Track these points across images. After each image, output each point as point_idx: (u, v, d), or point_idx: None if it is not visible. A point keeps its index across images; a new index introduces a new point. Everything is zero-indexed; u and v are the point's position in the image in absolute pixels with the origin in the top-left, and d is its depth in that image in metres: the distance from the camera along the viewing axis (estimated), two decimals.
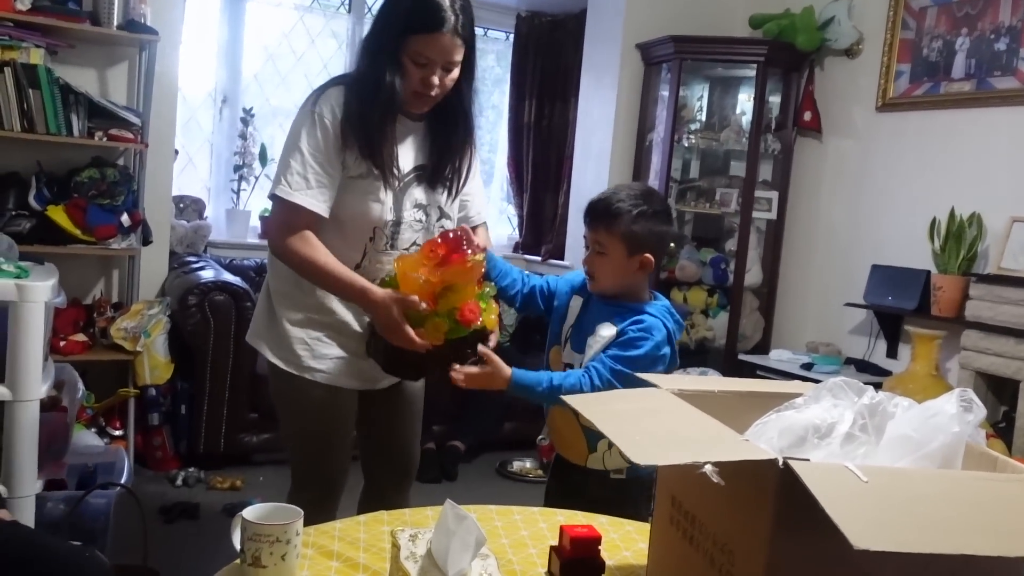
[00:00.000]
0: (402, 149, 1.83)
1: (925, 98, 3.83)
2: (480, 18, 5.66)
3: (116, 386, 3.49)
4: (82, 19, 3.38)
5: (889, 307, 3.78)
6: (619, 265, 1.81)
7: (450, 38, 1.72)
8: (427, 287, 1.70)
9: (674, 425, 1.03)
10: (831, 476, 0.82)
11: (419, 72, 1.73)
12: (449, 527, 1.13)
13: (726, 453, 0.89)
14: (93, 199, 3.45)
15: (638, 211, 1.78)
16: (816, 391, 1.10)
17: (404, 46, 1.72)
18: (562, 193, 5.24)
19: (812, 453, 1.01)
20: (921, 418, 1.00)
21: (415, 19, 1.71)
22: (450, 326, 1.71)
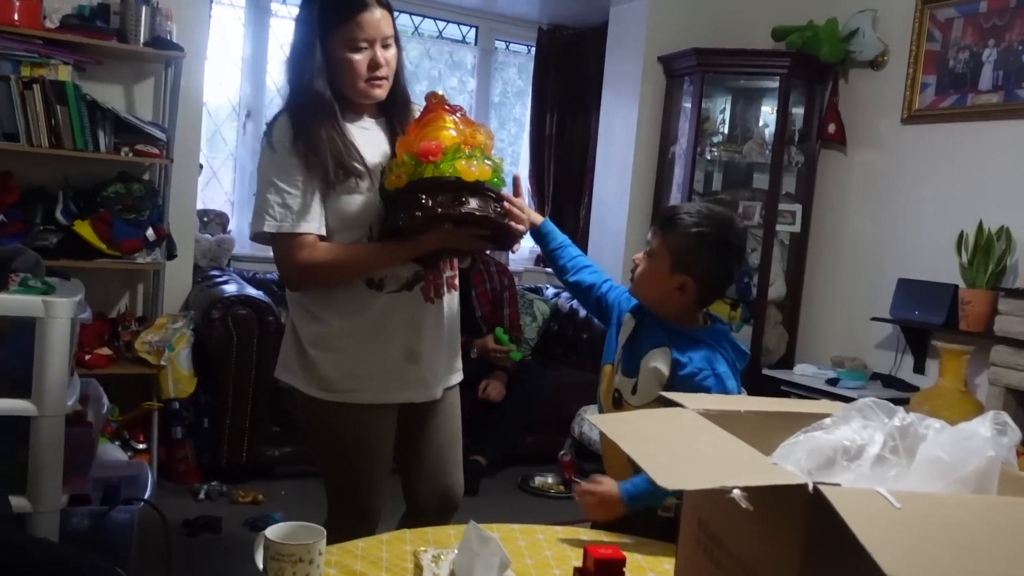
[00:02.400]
0: (370, 147, 1.80)
1: (952, 110, 3.80)
2: (502, 31, 5.72)
3: (140, 399, 3.51)
4: (109, 36, 3.42)
5: (916, 322, 3.73)
6: (659, 276, 1.72)
7: (377, 12, 1.71)
8: (403, 142, 1.71)
9: (701, 447, 1.01)
10: (863, 501, 0.80)
11: (361, 58, 1.71)
12: (473, 549, 1.12)
13: (755, 477, 0.87)
14: (119, 213, 3.48)
15: (698, 230, 1.69)
16: (845, 411, 1.08)
17: (335, 40, 1.70)
18: (583, 206, 5.23)
19: (841, 475, 0.99)
20: (954, 441, 0.98)
21: (336, 10, 1.70)
22: (413, 165, 1.66)
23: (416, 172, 1.65)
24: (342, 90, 1.75)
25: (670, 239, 1.71)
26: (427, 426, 1.97)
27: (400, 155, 1.70)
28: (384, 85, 1.77)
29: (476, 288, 3.97)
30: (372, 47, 1.71)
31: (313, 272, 1.75)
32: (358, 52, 1.71)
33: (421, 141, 1.66)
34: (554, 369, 4.39)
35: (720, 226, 1.71)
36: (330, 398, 1.83)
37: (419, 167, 1.65)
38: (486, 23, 5.34)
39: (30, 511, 2.17)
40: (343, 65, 1.72)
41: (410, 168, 1.66)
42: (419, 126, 1.70)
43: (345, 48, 1.70)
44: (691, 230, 1.69)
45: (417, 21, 5.20)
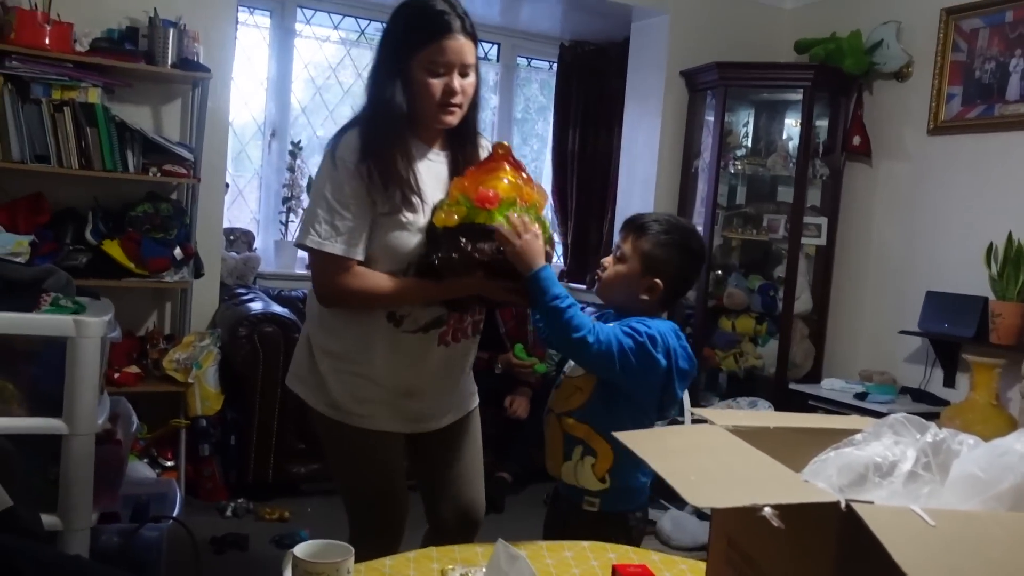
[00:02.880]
0: (429, 181, 1.80)
1: (979, 120, 3.76)
2: (524, 48, 5.74)
3: (167, 417, 3.54)
4: (138, 58, 3.47)
5: (946, 335, 3.68)
6: (630, 278, 1.79)
7: (461, 39, 1.71)
8: (459, 184, 1.73)
9: (730, 464, 1.00)
10: (896, 519, 0.79)
11: (438, 82, 1.71)
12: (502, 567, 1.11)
13: (786, 495, 0.86)
14: (147, 233, 3.52)
15: (668, 237, 1.79)
16: (876, 427, 1.06)
17: (416, 62, 1.70)
18: (607, 221, 5.22)
19: (873, 492, 0.98)
20: (989, 457, 0.96)
21: (421, 31, 1.70)
22: (467, 207, 1.68)
23: (468, 215, 1.68)
24: (415, 112, 1.75)
25: (641, 244, 1.79)
26: (444, 446, 1.97)
27: (454, 194, 1.72)
28: (456, 113, 1.76)
29: None
30: (451, 73, 1.71)
31: (346, 297, 1.76)
32: (436, 76, 1.71)
33: (479, 186, 1.69)
34: None
35: (685, 235, 1.82)
36: (337, 417, 1.84)
37: (472, 211, 1.68)
38: (508, 40, 5.37)
39: (61, 529, 2.19)
40: (420, 87, 1.71)
41: (463, 211, 1.68)
42: (479, 171, 1.73)
43: (424, 71, 1.71)
44: (661, 236, 1.78)
45: None
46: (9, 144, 3.24)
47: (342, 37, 4.99)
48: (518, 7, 4.94)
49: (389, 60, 1.74)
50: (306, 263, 4.79)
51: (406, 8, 1.77)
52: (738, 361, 4.31)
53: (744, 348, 4.34)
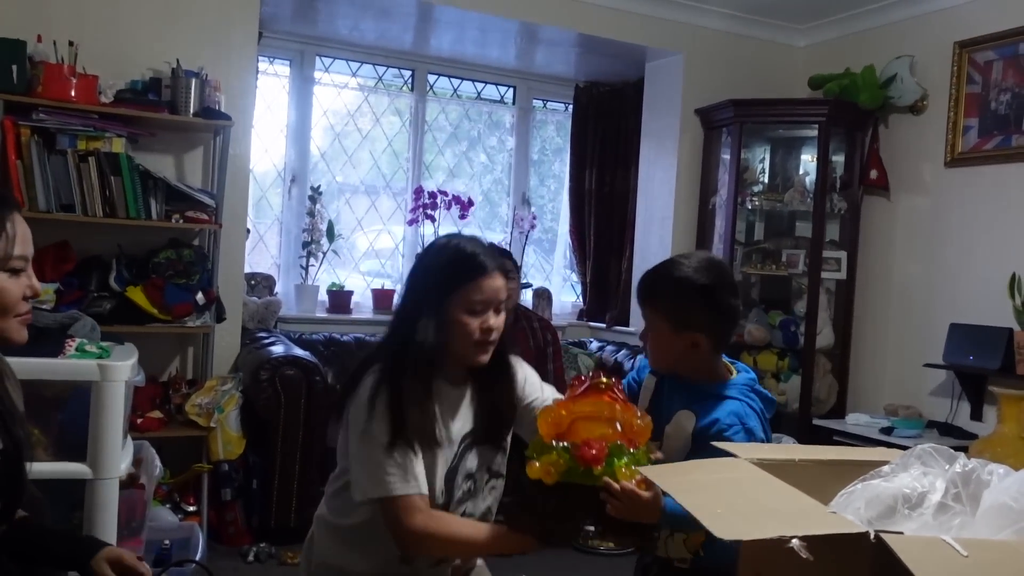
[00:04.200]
0: (460, 419, 1.74)
1: (996, 151, 3.75)
2: (539, 90, 5.81)
3: (190, 461, 3.54)
4: (161, 109, 3.54)
5: (971, 367, 3.64)
6: (666, 343, 1.68)
7: (498, 277, 1.70)
8: (556, 417, 1.49)
9: (757, 497, 0.99)
10: (928, 550, 0.78)
11: (476, 320, 1.68)
12: None
13: (814, 526, 0.85)
14: (170, 279, 3.56)
15: (682, 288, 1.65)
16: (904, 458, 1.05)
17: (454, 301, 1.67)
18: (625, 259, 5.23)
19: (903, 525, 0.96)
20: (1020, 486, 0.95)
21: (461, 271, 1.68)
22: (568, 465, 1.44)
23: (568, 473, 1.45)
24: (449, 349, 1.70)
25: (659, 305, 1.68)
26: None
27: (548, 432, 1.49)
28: (491, 350, 1.73)
29: (519, 345, 3.97)
30: (487, 310, 1.69)
31: (427, 539, 1.63)
32: (474, 315, 1.68)
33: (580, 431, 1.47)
34: None
35: (700, 271, 1.67)
36: None
37: (573, 468, 1.45)
38: (524, 83, 5.44)
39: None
40: (458, 327, 1.68)
41: (562, 466, 1.45)
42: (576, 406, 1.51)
43: (462, 310, 1.67)
44: (674, 289, 1.66)
45: (456, 83, 5.32)
46: (36, 194, 3.30)
47: (360, 84, 5.07)
48: (534, 50, 5.01)
49: (425, 301, 1.71)
50: (326, 307, 4.83)
51: (441, 251, 1.77)
52: None
53: (766, 384, 4.30)
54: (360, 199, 5.15)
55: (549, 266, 5.71)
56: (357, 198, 5.14)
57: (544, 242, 5.72)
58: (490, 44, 4.88)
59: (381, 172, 5.15)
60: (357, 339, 4.56)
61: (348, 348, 4.48)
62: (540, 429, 1.49)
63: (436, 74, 5.22)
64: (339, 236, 4.86)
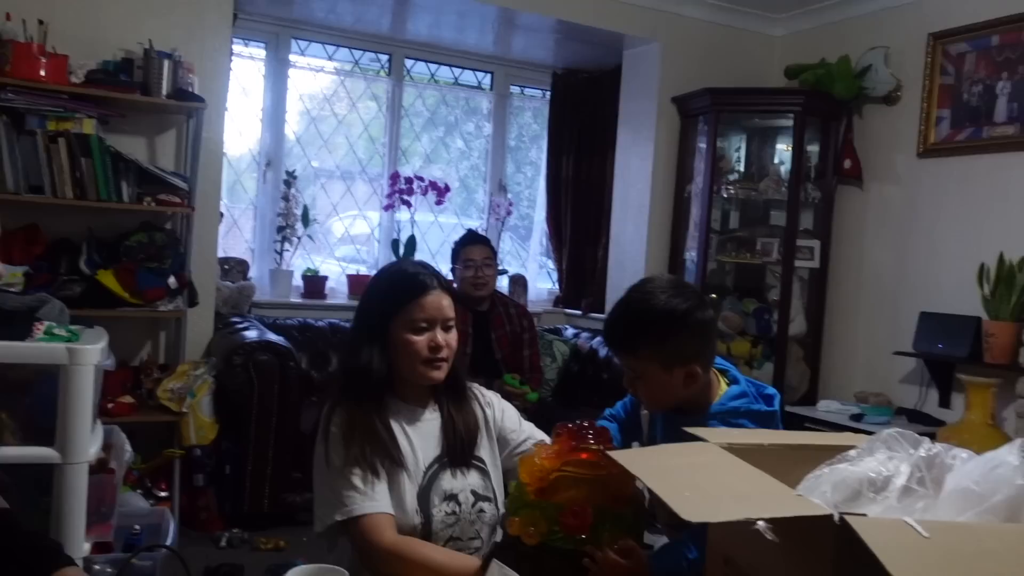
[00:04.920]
0: (421, 443, 1.72)
1: (968, 143, 3.79)
2: (517, 76, 5.79)
3: (162, 447, 3.52)
4: (133, 90, 3.49)
5: (940, 355, 3.69)
6: (661, 385, 1.60)
7: (439, 294, 1.71)
8: (538, 471, 1.41)
9: (724, 480, 1.00)
10: (891, 532, 0.79)
11: (422, 339, 1.69)
12: None
13: (779, 509, 0.86)
14: (142, 263, 3.53)
15: (660, 325, 1.57)
16: (870, 443, 1.06)
17: (397, 322, 1.69)
18: (601, 246, 5.24)
19: (868, 508, 0.97)
20: (982, 470, 0.96)
21: (399, 293, 1.71)
22: (547, 527, 1.37)
23: (550, 535, 1.38)
24: (401, 372, 1.71)
25: (644, 351, 1.60)
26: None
27: (531, 486, 1.41)
28: (443, 367, 1.73)
29: (496, 331, 3.97)
30: (433, 328, 1.70)
31: (396, 558, 1.58)
32: (419, 333, 1.69)
33: (563, 490, 1.39)
34: (575, 409, 4.36)
35: (673, 298, 1.59)
36: None
37: (555, 531, 1.37)
38: (501, 69, 5.42)
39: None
40: (404, 346, 1.69)
41: (543, 528, 1.37)
42: (560, 458, 1.41)
43: (407, 329, 1.69)
44: (654, 332, 1.58)
45: (433, 68, 5.29)
46: (4, 175, 3.24)
47: (336, 68, 5.03)
48: (511, 36, 4.99)
49: (368, 327, 1.72)
50: (300, 292, 4.80)
51: (383, 275, 1.82)
52: None
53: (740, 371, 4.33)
54: (336, 184, 5.12)
55: (525, 253, 5.71)
56: (333, 183, 5.11)
57: (520, 229, 5.72)
58: (468, 29, 4.85)
59: (357, 157, 5.12)
60: (332, 324, 4.54)
61: (323, 333, 4.46)
62: (522, 477, 1.43)
63: (413, 59, 5.19)
64: (314, 221, 4.83)
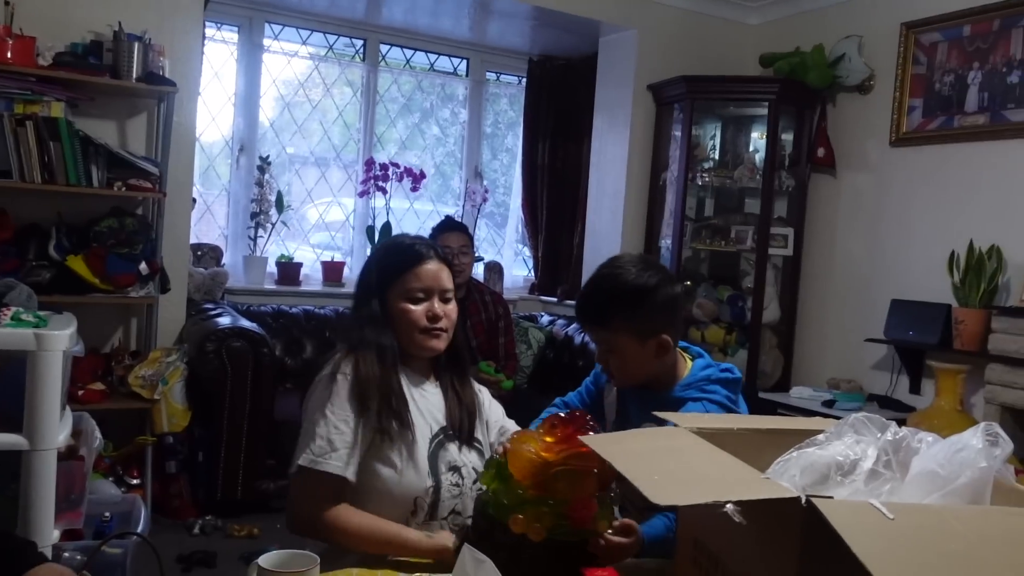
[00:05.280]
0: (427, 416, 1.71)
1: (939, 132, 3.83)
2: (493, 63, 5.75)
3: (134, 434, 3.48)
4: (102, 73, 3.44)
5: (910, 342, 3.73)
6: (635, 358, 1.64)
7: (435, 264, 1.72)
8: (537, 466, 1.36)
9: (694, 464, 1.01)
10: (856, 514, 0.79)
11: (420, 308, 1.69)
12: (467, 572, 1.11)
13: (747, 492, 0.87)
14: (112, 248, 3.48)
15: (632, 298, 1.62)
16: (838, 427, 1.08)
17: (394, 292, 1.70)
18: (577, 233, 5.25)
19: (836, 491, 0.99)
20: (947, 453, 0.98)
21: (394, 264, 1.72)
22: (554, 522, 1.35)
23: (555, 529, 1.35)
24: (401, 343, 1.71)
25: (618, 323, 1.64)
26: None
27: (526, 481, 1.37)
28: (443, 337, 1.72)
29: (471, 318, 3.97)
30: (430, 298, 1.70)
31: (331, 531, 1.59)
32: (416, 303, 1.70)
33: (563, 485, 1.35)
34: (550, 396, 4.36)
35: (643, 272, 1.65)
36: None
37: (561, 525, 1.35)
38: (477, 55, 5.40)
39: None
40: (401, 316, 1.69)
41: (549, 523, 1.35)
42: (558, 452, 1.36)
43: (404, 299, 1.70)
44: (627, 303, 1.62)
45: (409, 54, 5.25)
46: None
47: (311, 52, 4.98)
48: (487, 23, 4.96)
49: (367, 300, 1.72)
50: (274, 279, 4.77)
51: (380, 248, 1.83)
52: None
53: (714, 358, 4.36)
54: (310, 170, 5.08)
55: (501, 240, 5.71)
56: (307, 169, 5.07)
57: (496, 216, 5.71)
58: (443, 15, 4.82)
59: (332, 143, 5.08)
60: (306, 311, 4.52)
61: (297, 320, 4.44)
62: (515, 473, 1.37)
63: (388, 44, 5.15)
64: (288, 207, 4.79)
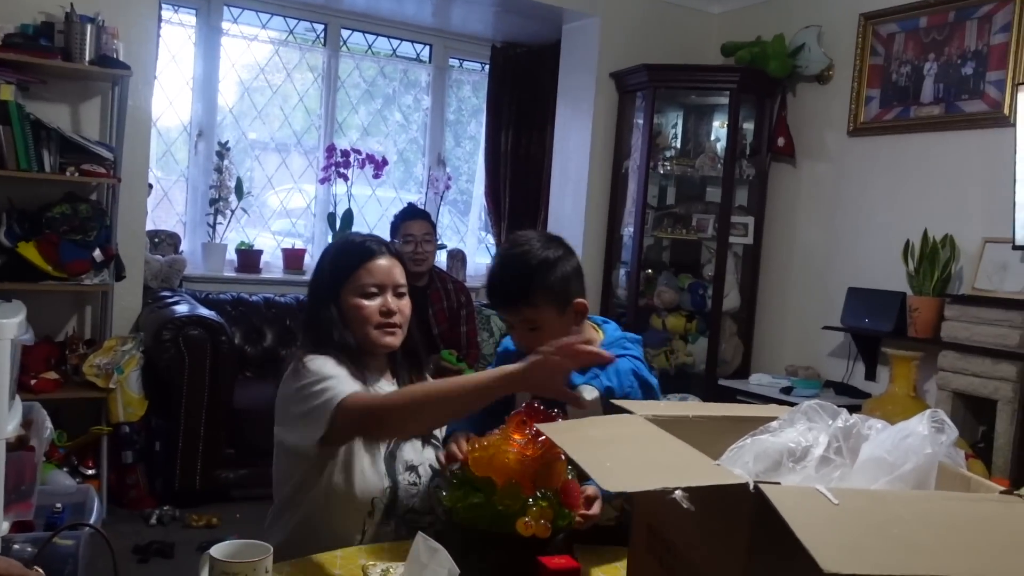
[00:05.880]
0: None
1: (896, 122, 3.88)
2: (456, 49, 5.71)
3: (89, 424, 3.43)
4: (54, 55, 3.36)
5: (866, 329, 3.79)
6: (559, 330, 1.66)
7: (387, 259, 1.70)
8: (526, 464, 1.34)
9: (646, 452, 1.01)
10: (802, 499, 0.80)
11: (373, 304, 1.67)
12: (421, 560, 1.10)
13: (697, 478, 0.88)
14: (65, 235, 3.41)
15: (548, 269, 1.66)
16: (791, 415, 1.09)
17: (347, 290, 1.68)
18: (540, 221, 5.25)
19: (788, 477, 1.00)
20: (894, 440, 0.99)
21: (347, 261, 1.70)
22: (556, 511, 1.34)
23: (557, 520, 1.33)
24: (356, 340, 1.68)
25: (542, 297, 1.66)
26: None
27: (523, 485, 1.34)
28: (397, 333, 1.71)
29: (433, 306, 3.95)
30: (384, 293, 1.69)
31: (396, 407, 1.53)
32: (370, 298, 1.68)
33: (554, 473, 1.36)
34: None
35: (549, 245, 1.71)
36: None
37: (560, 511, 1.35)
38: (440, 41, 5.36)
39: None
40: (355, 312, 1.67)
41: (551, 515, 1.32)
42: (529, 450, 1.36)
43: (356, 295, 1.68)
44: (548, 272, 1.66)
45: (371, 39, 5.20)
46: None
47: (271, 37, 4.91)
48: (450, 9, 4.93)
49: (322, 299, 1.70)
50: (234, 266, 4.70)
51: (331, 246, 1.81)
52: (669, 359, 4.37)
53: (675, 346, 4.40)
54: (271, 156, 5.02)
55: (464, 227, 5.69)
56: (268, 155, 5.00)
57: (459, 203, 5.69)
58: (406, 0, 4.78)
59: (292, 129, 5.02)
60: (267, 299, 4.47)
61: (257, 308, 4.39)
62: (499, 479, 1.35)
63: (350, 29, 5.10)
64: (249, 194, 4.73)
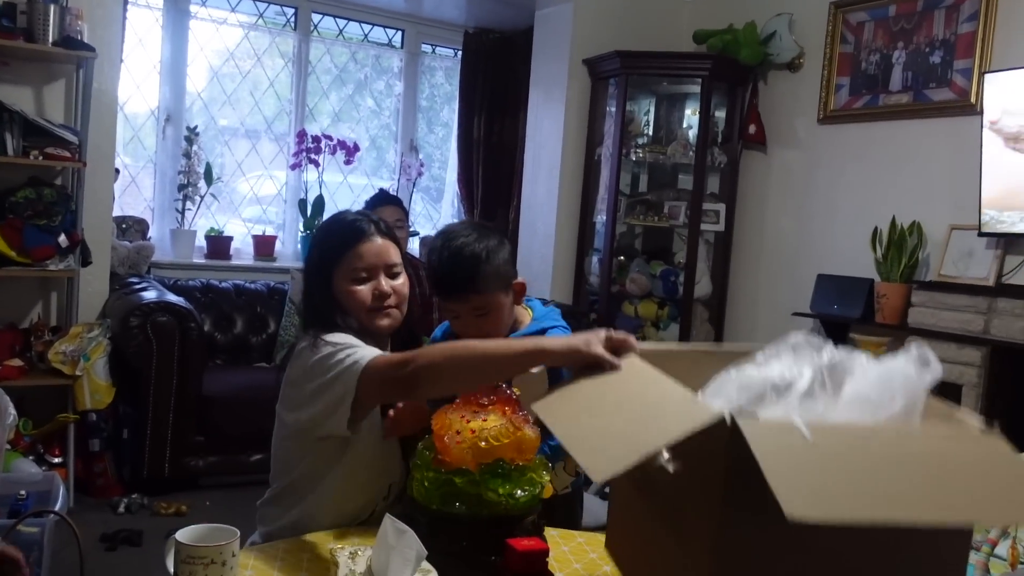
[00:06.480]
0: None
1: (865, 110, 3.91)
2: (429, 35, 5.67)
3: (56, 412, 3.37)
4: (16, 36, 3.29)
5: (835, 316, 3.82)
6: (506, 312, 1.72)
7: (378, 240, 1.65)
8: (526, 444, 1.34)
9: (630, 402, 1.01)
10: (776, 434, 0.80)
11: (366, 288, 1.62)
12: (389, 542, 1.09)
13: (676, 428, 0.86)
14: (29, 220, 3.35)
15: (492, 256, 1.68)
16: (777, 347, 1.08)
17: (339, 273, 1.63)
18: (512, 208, 5.24)
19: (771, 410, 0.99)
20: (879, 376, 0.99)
21: (335, 244, 1.65)
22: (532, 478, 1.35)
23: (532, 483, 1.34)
24: (356, 324, 1.63)
25: (489, 287, 1.67)
26: None
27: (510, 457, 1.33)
28: (393, 315, 1.65)
29: None
30: (376, 276, 1.63)
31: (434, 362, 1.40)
32: (361, 283, 1.62)
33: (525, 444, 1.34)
34: None
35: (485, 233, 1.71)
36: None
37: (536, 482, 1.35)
38: (412, 26, 5.32)
39: None
40: (348, 298, 1.62)
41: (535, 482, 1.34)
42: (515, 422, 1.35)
43: (348, 280, 1.62)
44: (493, 260, 1.67)
45: (342, 24, 5.15)
46: None
47: (241, 21, 4.85)
48: None
49: (316, 284, 1.66)
50: (204, 253, 4.66)
51: (321, 227, 1.75)
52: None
53: (647, 332, 4.41)
54: (240, 142, 4.96)
55: (437, 214, 5.67)
56: (237, 141, 4.94)
57: (432, 190, 5.66)
58: None
59: (263, 114, 4.96)
60: (237, 286, 4.43)
61: (227, 295, 4.35)
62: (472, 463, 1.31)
63: (321, 13, 5.05)
64: (219, 180, 4.67)
